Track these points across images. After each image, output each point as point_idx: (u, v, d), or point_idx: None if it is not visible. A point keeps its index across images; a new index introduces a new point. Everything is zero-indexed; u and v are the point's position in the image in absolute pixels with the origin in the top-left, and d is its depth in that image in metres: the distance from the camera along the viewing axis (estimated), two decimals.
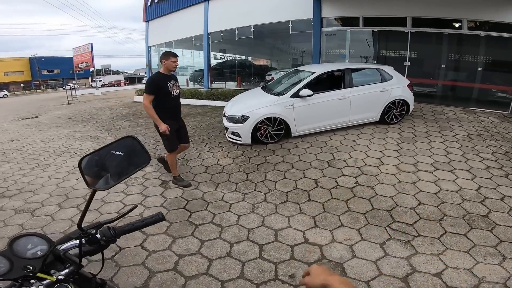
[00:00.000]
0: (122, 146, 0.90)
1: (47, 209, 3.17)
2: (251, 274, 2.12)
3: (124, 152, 0.90)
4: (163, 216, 0.93)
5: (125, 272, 2.16)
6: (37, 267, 0.73)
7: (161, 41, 14.45)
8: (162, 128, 3.25)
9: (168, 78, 3.36)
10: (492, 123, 5.44)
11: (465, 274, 2.10)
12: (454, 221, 2.71)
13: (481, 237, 2.48)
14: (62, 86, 29.10)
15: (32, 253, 0.77)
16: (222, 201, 3.21)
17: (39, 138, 6.58)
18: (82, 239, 0.80)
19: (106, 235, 0.84)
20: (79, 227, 0.81)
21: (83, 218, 0.82)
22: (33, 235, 0.80)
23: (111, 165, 0.87)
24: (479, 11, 6.49)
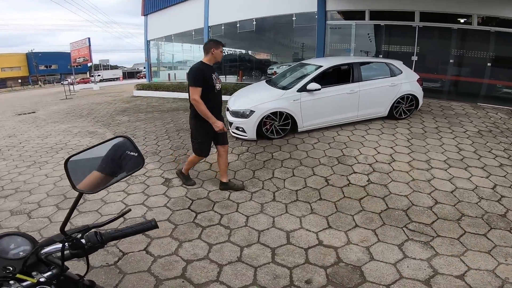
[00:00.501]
0: (112, 146, 0.82)
1: (44, 210, 3.00)
2: (265, 280, 1.99)
3: (115, 154, 0.82)
4: (156, 224, 0.85)
5: (130, 280, 2.01)
6: (17, 268, 0.71)
7: (160, 35, 14.23)
8: (219, 126, 2.84)
9: (211, 70, 2.95)
10: (501, 119, 5.32)
11: (488, 275, 2.02)
12: (473, 221, 2.60)
13: (501, 237, 2.38)
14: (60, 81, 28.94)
15: (14, 254, 0.75)
16: (229, 200, 3.07)
17: (36, 134, 6.37)
18: (66, 243, 0.75)
19: (92, 241, 0.78)
20: (62, 231, 0.75)
21: (67, 221, 0.76)
22: (16, 235, 0.77)
23: (101, 166, 0.79)
24: (489, 6, 6.35)
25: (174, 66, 16.00)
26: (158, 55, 15.60)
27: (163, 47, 15.47)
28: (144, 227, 0.85)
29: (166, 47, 15.38)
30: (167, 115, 7.35)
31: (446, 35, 7.20)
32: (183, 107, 8.34)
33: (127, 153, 0.83)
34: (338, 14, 8.62)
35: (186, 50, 14.89)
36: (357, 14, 8.16)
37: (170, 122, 6.47)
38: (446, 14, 6.88)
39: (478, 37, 6.82)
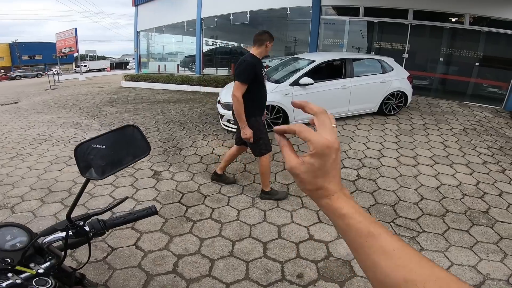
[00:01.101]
0: (121, 135, 0.84)
1: (28, 204, 2.89)
2: (257, 275, 2.00)
3: (123, 142, 0.84)
4: (156, 210, 0.89)
5: (120, 275, 1.97)
6: (15, 259, 0.70)
7: (151, 26, 13.86)
8: (247, 134, 2.57)
9: (261, 65, 2.66)
10: (486, 118, 5.51)
11: (470, 271, 2.09)
12: (456, 216, 2.69)
13: (483, 234, 2.47)
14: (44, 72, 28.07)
15: (11, 245, 0.73)
16: (220, 194, 3.05)
17: (19, 125, 6.09)
18: (70, 231, 0.76)
19: (95, 228, 0.80)
20: (68, 218, 0.76)
21: (73, 208, 0.76)
22: (12, 226, 0.76)
23: (108, 154, 0.81)
24: (482, 6, 6.48)
25: (164, 58, 15.66)
26: (148, 46, 15.19)
27: (154, 38, 15.05)
28: (145, 213, 0.87)
29: (157, 38, 14.99)
30: (156, 107, 7.18)
31: (438, 33, 7.32)
32: (173, 99, 8.17)
33: (134, 141, 0.85)
34: (332, 10, 8.62)
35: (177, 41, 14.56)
36: (351, 10, 8.18)
37: (159, 114, 6.33)
38: (439, 12, 6.98)
39: (469, 36, 6.97)
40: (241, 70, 2.52)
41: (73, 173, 3.55)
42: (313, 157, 0.38)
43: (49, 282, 0.74)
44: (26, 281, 0.71)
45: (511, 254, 2.23)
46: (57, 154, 4.18)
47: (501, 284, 1.97)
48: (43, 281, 0.73)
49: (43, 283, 0.73)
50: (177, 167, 3.60)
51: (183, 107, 6.90)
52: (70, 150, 4.32)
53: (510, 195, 3.01)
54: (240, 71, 2.52)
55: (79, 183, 3.29)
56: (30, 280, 0.72)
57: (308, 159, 0.39)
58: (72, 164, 3.82)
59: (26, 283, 0.71)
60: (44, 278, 0.73)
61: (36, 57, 40.57)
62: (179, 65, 13.95)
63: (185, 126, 5.19)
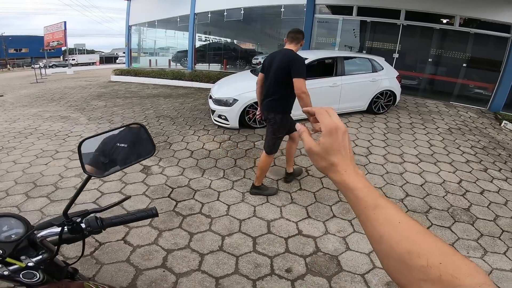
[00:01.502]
0: (127, 132, 0.83)
1: (12, 199, 2.81)
2: (246, 269, 2.02)
3: (128, 140, 0.83)
4: (157, 212, 0.86)
5: (108, 270, 1.96)
6: (7, 251, 0.69)
7: (143, 21, 13.65)
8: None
9: None
10: (471, 118, 5.69)
11: None
12: (439, 213, 2.78)
13: (464, 230, 2.56)
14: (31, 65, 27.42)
15: (6, 236, 0.72)
16: (210, 189, 3.05)
17: (4, 118, 5.88)
18: (65, 227, 0.75)
19: (92, 226, 0.79)
20: (65, 215, 0.75)
21: (71, 204, 0.74)
22: (11, 217, 0.74)
23: (113, 151, 0.80)
24: (473, 8, 6.64)
25: (156, 52, 15.44)
26: (139, 41, 14.94)
27: (145, 33, 14.81)
28: (144, 215, 0.85)
29: (148, 33, 14.76)
30: (146, 101, 7.07)
31: (428, 34, 7.48)
32: (163, 94, 8.06)
33: (139, 140, 0.84)
34: (326, 8, 8.69)
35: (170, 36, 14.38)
36: (345, 9, 8.26)
37: (149, 108, 6.24)
38: (430, 13, 7.12)
39: (458, 38, 7.15)
40: (300, 67, 2.40)
41: (59, 167, 3.48)
42: (324, 137, 0.46)
43: (36, 276, 0.73)
44: (13, 273, 0.70)
45: (491, 251, 2.31)
46: (43, 148, 4.07)
47: None
48: (30, 274, 0.72)
49: (31, 276, 0.72)
50: (167, 162, 3.57)
51: (174, 102, 6.83)
52: (56, 144, 4.22)
53: (491, 193, 3.12)
54: (299, 67, 2.40)
55: (65, 178, 3.23)
56: (18, 273, 0.71)
57: (322, 139, 0.47)
58: (58, 158, 3.73)
59: (13, 275, 0.71)
60: (32, 271, 0.72)
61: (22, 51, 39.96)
62: (171, 60, 13.86)
63: (175, 121, 5.15)
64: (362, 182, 0.44)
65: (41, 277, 0.74)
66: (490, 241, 2.43)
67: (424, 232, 0.38)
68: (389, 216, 0.40)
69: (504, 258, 2.25)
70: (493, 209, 2.86)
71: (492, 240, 2.44)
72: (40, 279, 0.74)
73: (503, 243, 2.42)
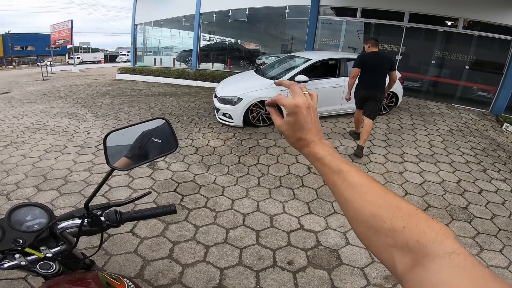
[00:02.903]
0: (151, 127, 0.83)
1: (23, 191, 2.91)
2: (250, 261, 2.11)
3: (153, 135, 0.83)
4: (175, 209, 0.86)
5: (116, 261, 2.05)
6: (27, 241, 0.68)
7: (149, 20, 13.79)
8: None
9: None
10: (472, 120, 5.73)
11: None
12: (437, 211, 2.85)
13: (461, 228, 2.62)
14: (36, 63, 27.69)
15: (28, 226, 0.72)
16: (215, 184, 3.14)
17: (11, 114, 6.00)
18: (85, 219, 0.75)
19: (111, 219, 0.79)
20: (86, 207, 0.75)
21: (93, 197, 0.75)
22: (35, 206, 0.74)
23: (136, 146, 0.80)
24: (477, 11, 6.67)
25: (160, 52, 15.59)
26: (144, 40, 15.09)
27: (150, 32, 14.95)
28: (163, 211, 0.85)
29: (154, 32, 14.90)
30: (152, 99, 7.18)
31: (431, 36, 7.52)
32: (168, 92, 8.17)
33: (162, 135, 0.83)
34: (330, 10, 8.75)
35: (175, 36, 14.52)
36: (349, 10, 8.32)
37: (155, 106, 6.35)
38: (434, 16, 7.16)
39: (461, 40, 7.18)
40: (394, 62, 3.79)
41: (68, 161, 3.58)
42: (288, 115, 0.49)
43: (53, 267, 0.73)
44: (30, 264, 0.70)
45: (487, 249, 2.38)
46: (52, 143, 4.18)
47: None
48: (47, 265, 0.72)
49: (47, 267, 0.73)
50: (172, 158, 3.67)
51: (179, 100, 6.93)
52: (64, 139, 4.33)
53: (489, 193, 3.18)
54: (394, 63, 3.77)
55: (75, 172, 3.33)
56: (36, 263, 0.71)
57: (287, 118, 0.50)
58: (67, 153, 3.84)
59: (30, 265, 0.71)
60: (49, 262, 0.72)
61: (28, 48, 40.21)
62: (176, 59, 13.99)
63: (180, 119, 5.25)
64: (326, 150, 0.46)
65: (56, 268, 0.74)
66: (486, 239, 2.50)
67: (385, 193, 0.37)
68: (351, 179, 0.40)
69: (500, 256, 2.32)
70: (490, 208, 2.92)
71: (489, 238, 2.51)
72: (56, 270, 0.74)
73: (499, 241, 2.48)
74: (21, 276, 1.84)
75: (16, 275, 1.84)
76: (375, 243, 0.35)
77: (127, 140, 0.80)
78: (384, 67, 3.69)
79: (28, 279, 1.83)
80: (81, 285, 0.70)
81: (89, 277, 0.78)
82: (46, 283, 0.73)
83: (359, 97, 3.94)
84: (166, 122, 0.84)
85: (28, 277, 1.84)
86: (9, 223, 0.68)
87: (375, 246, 0.35)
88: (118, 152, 0.78)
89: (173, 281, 1.91)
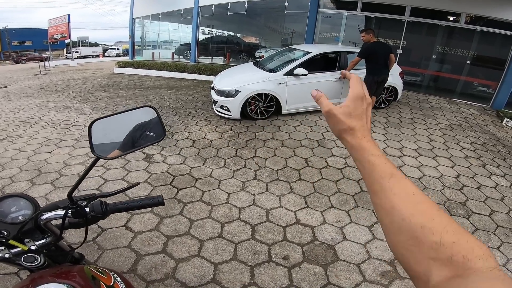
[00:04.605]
0: (139, 115, 0.81)
1: (17, 185, 2.87)
2: (245, 256, 2.08)
3: (140, 122, 0.80)
4: (163, 200, 0.83)
5: (109, 255, 2.01)
6: (12, 233, 0.66)
7: (147, 13, 13.65)
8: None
9: None
10: (472, 115, 5.68)
11: None
12: None
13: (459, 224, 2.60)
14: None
15: (13, 217, 0.70)
16: (211, 177, 3.10)
17: (8, 108, 5.92)
18: (69, 210, 0.72)
19: (96, 210, 0.75)
20: (69, 197, 0.72)
21: (76, 187, 0.72)
22: (20, 197, 0.73)
23: (123, 134, 0.78)
24: (479, 6, 6.57)
25: (159, 45, 15.44)
26: (142, 34, 14.93)
27: (149, 26, 14.78)
28: (150, 203, 0.82)
29: (152, 25, 14.74)
30: (149, 93, 7.11)
31: (432, 31, 7.42)
32: (166, 85, 8.08)
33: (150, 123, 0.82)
34: (330, 3, 8.66)
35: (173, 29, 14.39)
36: (349, 4, 8.19)
37: (152, 99, 6.27)
38: (436, 10, 7.05)
39: (463, 35, 7.08)
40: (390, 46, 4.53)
41: (63, 155, 3.53)
42: (349, 100, 0.46)
43: (37, 260, 0.71)
44: (15, 256, 0.68)
45: None
46: (48, 137, 4.13)
47: None
48: (31, 258, 0.70)
49: (32, 260, 0.71)
50: (169, 151, 3.62)
51: (177, 93, 6.85)
52: (60, 133, 4.27)
53: (488, 189, 3.15)
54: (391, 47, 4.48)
55: (70, 165, 3.28)
56: (20, 256, 0.69)
57: (346, 102, 0.47)
58: (62, 146, 3.79)
59: (14, 258, 0.69)
60: (33, 255, 0.70)
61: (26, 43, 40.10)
62: (174, 53, 13.90)
63: (178, 112, 5.18)
64: (378, 150, 0.43)
65: (41, 261, 0.72)
66: (484, 236, 2.47)
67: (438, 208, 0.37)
68: (404, 186, 0.38)
69: (498, 253, 2.29)
70: (489, 204, 2.89)
71: (487, 235, 2.48)
72: (41, 263, 0.72)
73: (497, 237, 2.46)
74: (13, 271, 1.82)
75: (9, 270, 1.82)
76: (415, 254, 0.35)
77: (113, 128, 0.78)
78: (386, 53, 4.23)
79: (20, 274, 1.80)
80: (65, 278, 0.67)
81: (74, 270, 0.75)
82: (30, 276, 0.71)
83: (372, 84, 4.33)
84: (154, 110, 0.81)
85: (20, 272, 1.81)
86: None
87: (413, 256, 0.35)
88: (104, 140, 0.76)
89: (166, 276, 1.88)
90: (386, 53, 4.22)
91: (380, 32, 8.30)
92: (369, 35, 4.27)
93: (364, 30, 4.43)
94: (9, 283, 1.75)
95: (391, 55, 4.27)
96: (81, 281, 0.65)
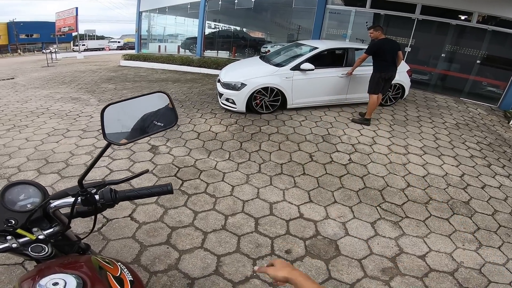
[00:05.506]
0: (151, 101, 0.80)
1: (24, 174, 2.90)
2: (248, 248, 2.11)
3: (152, 108, 0.80)
4: (172, 189, 0.82)
5: (114, 246, 2.04)
6: (20, 221, 0.65)
7: (154, 7, 13.62)
8: None
9: None
10: (480, 115, 5.62)
11: (446, 258, 2.19)
12: (439, 205, 2.81)
13: (461, 223, 2.59)
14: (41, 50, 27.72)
15: (21, 206, 0.69)
16: (215, 169, 3.12)
17: (16, 99, 5.97)
18: (79, 197, 0.71)
19: (105, 198, 0.75)
20: (79, 183, 0.71)
21: (87, 173, 0.71)
22: (30, 184, 0.71)
23: (135, 119, 0.77)
24: (493, 5, 6.44)
25: (165, 39, 15.45)
26: (149, 27, 14.93)
27: (155, 19, 14.76)
28: (159, 191, 0.81)
29: (159, 19, 14.72)
30: (155, 85, 7.14)
31: (443, 30, 7.30)
32: (172, 78, 8.10)
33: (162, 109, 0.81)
34: None
35: (180, 23, 14.38)
36: (358, 1, 8.09)
37: None
38: (447, 9, 6.93)
39: (474, 34, 6.96)
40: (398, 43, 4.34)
41: (70, 145, 3.57)
42: None
43: (45, 249, 0.70)
44: (22, 246, 0.67)
45: (485, 245, 2.35)
46: (55, 127, 4.17)
47: (473, 273, 2.07)
48: (39, 248, 0.69)
49: (39, 250, 0.69)
50: (174, 142, 3.65)
51: (182, 86, 6.86)
52: (67, 123, 4.31)
53: (492, 189, 3.14)
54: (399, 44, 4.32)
55: (76, 155, 3.32)
56: (27, 246, 0.68)
57: None
58: (69, 137, 3.82)
59: (22, 248, 0.68)
60: (41, 244, 0.69)
61: (33, 36, 40.10)
62: (180, 47, 13.92)
63: (183, 104, 5.20)
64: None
65: (48, 251, 0.71)
66: (486, 235, 2.47)
67: None
68: None
69: (498, 253, 2.29)
70: (492, 204, 2.88)
71: (488, 234, 2.48)
72: (48, 253, 0.71)
73: (498, 237, 2.45)
74: (18, 261, 1.83)
75: (14, 260, 1.83)
76: None
77: (125, 113, 0.78)
78: (394, 50, 4.15)
79: (25, 265, 1.82)
80: (73, 268, 0.66)
81: (81, 261, 0.75)
82: (37, 267, 0.71)
83: (381, 81, 4.27)
84: (167, 96, 0.80)
85: (25, 262, 1.83)
86: (2, 203, 0.65)
87: None
88: (116, 125, 0.75)
89: (170, 267, 1.91)
90: (394, 50, 4.14)
91: (389, 29, 8.18)
92: (377, 32, 4.20)
93: (372, 26, 4.34)
94: (14, 274, 1.76)
95: (399, 52, 4.19)
96: (88, 271, 0.65)
